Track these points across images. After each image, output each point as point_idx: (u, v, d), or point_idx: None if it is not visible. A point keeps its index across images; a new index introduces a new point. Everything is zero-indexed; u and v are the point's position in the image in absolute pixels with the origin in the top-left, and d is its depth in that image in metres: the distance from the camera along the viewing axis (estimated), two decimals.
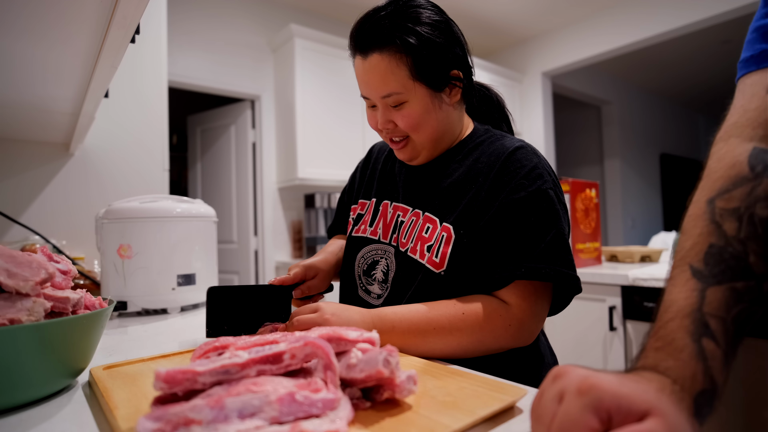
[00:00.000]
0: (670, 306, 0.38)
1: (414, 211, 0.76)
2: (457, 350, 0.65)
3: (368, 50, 0.70)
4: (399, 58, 0.68)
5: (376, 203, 0.84)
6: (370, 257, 0.81)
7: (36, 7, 0.59)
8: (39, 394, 0.48)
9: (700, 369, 0.34)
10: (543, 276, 0.63)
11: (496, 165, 0.70)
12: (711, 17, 3.12)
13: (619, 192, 5.16)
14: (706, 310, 0.37)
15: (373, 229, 0.82)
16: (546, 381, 0.34)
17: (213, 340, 0.45)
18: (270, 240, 3.26)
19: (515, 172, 0.68)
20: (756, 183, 0.41)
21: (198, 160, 3.57)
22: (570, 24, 3.91)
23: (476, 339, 0.64)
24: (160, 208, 1.02)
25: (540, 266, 0.63)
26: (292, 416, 0.34)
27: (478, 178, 0.71)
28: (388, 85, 0.69)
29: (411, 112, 0.71)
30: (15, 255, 0.47)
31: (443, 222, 0.71)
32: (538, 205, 0.66)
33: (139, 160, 1.69)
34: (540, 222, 0.66)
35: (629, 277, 1.58)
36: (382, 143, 0.95)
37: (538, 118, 4.22)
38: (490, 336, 0.65)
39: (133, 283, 0.99)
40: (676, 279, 0.40)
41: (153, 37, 1.71)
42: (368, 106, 0.77)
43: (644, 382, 0.32)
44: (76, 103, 1.07)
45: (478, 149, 0.75)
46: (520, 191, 0.67)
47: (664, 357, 0.35)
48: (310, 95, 3.06)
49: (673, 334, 0.36)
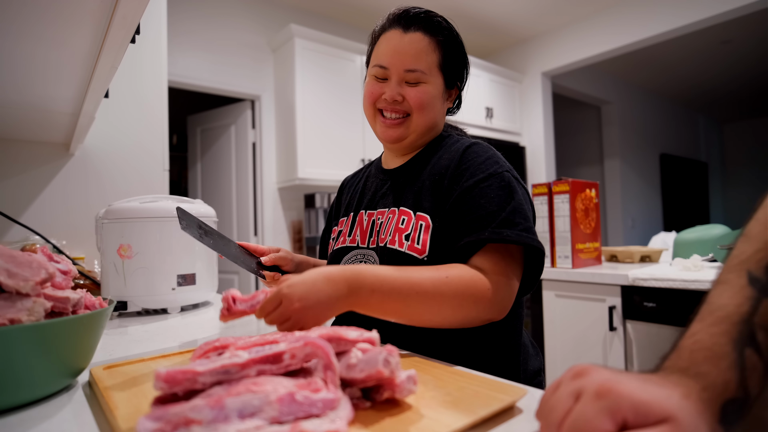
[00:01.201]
0: (717, 309, 0.37)
1: (390, 209, 0.81)
2: (436, 318, 0.64)
3: (413, 27, 0.78)
4: (437, 45, 0.79)
5: (353, 216, 0.88)
6: (351, 262, 0.83)
7: (36, 6, 0.59)
8: (39, 394, 0.48)
9: (735, 378, 0.33)
10: (506, 238, 0.65)
11: (455, 157, 0.76)
12: (711, 17, 3.12)
13: (619, 192, 5.15)
14: (757, 321, 0.35)
15: (351, 237, 0.85)
16: (565, 375, 0.33)
17: (213, 341, 0.45)
18: (270, 240, 3.26)
19: (473, 161, 0.74)
20: None
21: (198, 160, 3.57)
22: (570, 24, 3.91)
23: (457, 305, 0.63)
24: (160, 208, 1.02)
25: (503, 230, 0.66)
26: (292, 416, 0.34)
27: (441, 171, 0.77)
28: (420, 62, 0.77)
29: (426, 91, 0.78)
30: (15, 255, 0.47)
31: (417, 212, 0.76)
32: (496, 183, 0.71)
33: (139, 160, 1.69)
34: (499, 196, 0.70)
35: (629, 277, 1.58)
36: (350, 177, 1.02)
37: (538, 118, 4.22)
38: (472, 302, 0.64)
39: (133, 283, 0.99)
40: (729, 283, 0.38)
41: (153, 37, 1.71)
42: (375, 77, 0.81)
43: (670, 386, 0.31)
44: (76, 103, 1.07)
45: (441, 149, 0.82)
46: (478, 174, 0.72)
47: (699, 361, 0.34)
48: (310, 95, 3.06)
49: (716, 339, 0.35)
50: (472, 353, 0.74)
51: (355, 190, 0.95)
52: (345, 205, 0.95)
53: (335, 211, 0.99)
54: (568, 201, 1.79)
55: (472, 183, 0.71)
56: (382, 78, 0.80)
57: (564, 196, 1.80)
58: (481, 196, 0.70)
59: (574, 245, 1.81)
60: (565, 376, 0.33)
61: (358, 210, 0.88)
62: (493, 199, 0.69)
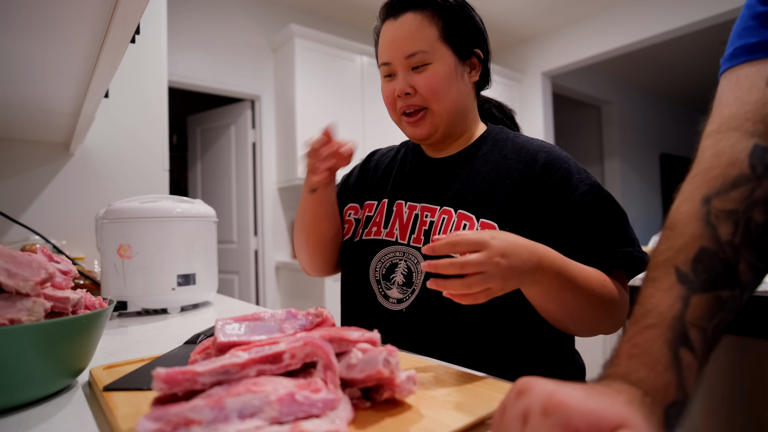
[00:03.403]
0: (650, 311, 0.37)
1: (443, 209, 0.73)
2: (586, 318, 0.62)
3: (402, 11, 0.72)
4: (432, 18, 0.71)
5: (389, 204, 0.80)
6: (387, 260, 0.76)
7: (36, 6, 0.59)
8: (39, 394, 0.48)
9: (674, 381, 0.33)
10: (634, 258, 0.65)
11: (533, 166, 0.71)
12: (711, 17, 3.12)
13: (619, 192, 5.15)
14: (688, 320, 0.35)
15: (388, 230, 0.77)
16: (508, 396, 0.32)
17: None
18: (270, 240, 3.26)
19: (565, 170, 0.70)
20: (756, 185, 0.39)
21: (198, 160, 3.57)
22: (570, 24, 3.91)
23: (605, 312, 0.62)
24: (160, 208, 1.02)
25: (629, 248, 0.65)
26: (292, 416, 0.34)
27: (512, 174, 0.71)
28: (416, 43, 0.71)
29: (434, 73, 0.71)
30: (15, 255, 0.47)
31: (481, 218, 0.69)
32: (597, 194, 0.69)
33: (139, 160, 1.69)
34: (611, 209, 0.68)
35: None
36: (383, 151, 0.93)
37: (538, 118, 4.22)
38: (611, 313, 0.63)
39: (133, 283, 0.99)
40: (659, 281, 0.38)
41: (153, 37, 1.71)
42: (385, 77, 0.76)
43: (612, 394, 0.31)
44: (76, 103, 1.07)
45: (500, 145, 0.76)
46: (580, 187, 0.68)
47: (637, 366, 0.34)
48: (310, 95, 3.06)
49: (651, 343, 0.35)
50: (532, 371, 0.70)
51: (387, 171, 0.86)
52: (374, 185, 0.86)
53: (359, 183, 0.89)
54: None
55: (578, 198, 0.67)
56: (390, 75, 0.75)
57: None
58: (592, 210, 0.67)
59: None
60: (509, 397, 0.32)
61: (395, 198, 0.80)
62: (602, 214, 0.67)
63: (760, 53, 0.44)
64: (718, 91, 0.48)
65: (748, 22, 0.47)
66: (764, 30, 0.45)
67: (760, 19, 0.46)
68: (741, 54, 0.46)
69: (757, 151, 0.40)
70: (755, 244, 0.38)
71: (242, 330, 0.44)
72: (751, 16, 0.47)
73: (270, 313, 0.48)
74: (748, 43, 0.45)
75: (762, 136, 0.41)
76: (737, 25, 0.48)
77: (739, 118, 0.43)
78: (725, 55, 0.48)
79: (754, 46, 0.45)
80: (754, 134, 0.41)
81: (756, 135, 0.41)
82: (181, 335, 0.82)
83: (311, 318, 0.48)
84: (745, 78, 0.45)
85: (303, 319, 0.48)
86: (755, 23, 0.46)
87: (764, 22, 0.45)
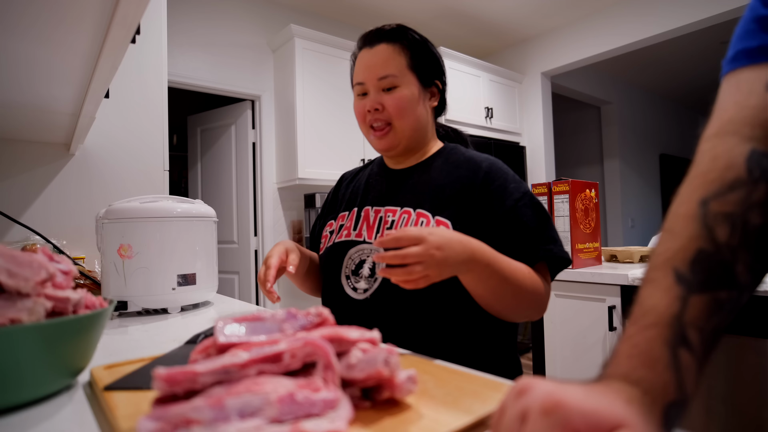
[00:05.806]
0: (649, 311, 0.37)
1: (404, 209, 0.84)
2: (514, 305, 0.72)
3: (377, 42, 0.85)
4: (402, 49, 0.85)
5: (358, 211, 0.90)
6: (357, 257, 0.85)
7: (37, 7, 0.59)
8: (39, 394, 0.48)
9: (673, 380, 0.33)
10: (555, 255, 0.76)
11: (478, 173, 0.82)
12: (710, 17, 3.12)
13: (619, 192, 5.15)
14: (686, 320, 0.36)
15: (357, 232, 0.87)
16: (508, 396, 0.32)
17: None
18: (270, 240, 3.26)
19: (502, 179, 0.82)
20: (752, 188, 0.39)
21: (198, 160, 3.57)
22: (570, 24, 3.91)
23: (531, 300, 0.72)
24: (160, 208, 1.02)
25: (550, 246, 0.77)
26: (292, 416, 0.34)
27: (462, 180, 0.82)
28: (388, 67, 0.83)
29: (401, 95, 0.83)
30: (16, 255, 0.47)
31: (436, 216, 0.80)
32: (529, 201, 0.81)
33: (139, 160, 1.69)
34: (539, 214, 0.80)
35: (629, 277, 1.58)
36: (352, 171, 1.04)
37: (537, 119, 4.21)
38: (536, 301, 0.73)
39: (134, 283, 0.99)
40: (658, 282, 0.39)
41: (153, 37, 1.71)
42: (358, 95, 0.88)
43: (612, 393, 0.31)
44: (76, 104, 1.07)
45: (452, 158, 0.88)
46: (515, 194, 0.80)
47: (637, 366, 0.34)
48: (310, 95, 3.06)
49: (650, 343, 0.35)
50: (476, 353, 0.78)
51: (356, 186, 0.97)
52: (345, 200, 0.96)
53: (332, 204, 1.01)
54: (567, 201, 1.79)
55: (512, 203, 0.79)
56: (363, 93, 0.86)
57: (564, 196, 1.80)
58: (523, 214, 0.78)
59: (574, 245, 1.81)
60: (508, 397, 0.32)
61: (363, 206, 0.90)
62: (531, 217, 0.78)
63: (761, 58, 0.45)
64: (719, 94, 0.48)
65: (749, 25, 0.47)
66: (764, 34, 0.45)
67: (760, 22, 0.46)
68: (741, 57, 0.46)
69: (754, 156, 0.41)
70: (752, 245, 0.38)
71: (242, 330, 0.44)
72: (753, 18, 0.47)
73: (270, 314, 0.48)
74: (749, 46, 0.46)
75: (759, 141, 0.42)
76: (739, 27, 0.48)
77: (737, 122, 0.43)
78: (727, 57, 0.48)
79: (755, 51, 0.45)
80: (752, 139, 0.42)
81: (754, 139, 0.42)
82: (181, 335, 0.82)
83: (311, 318, 0.48)
84: (745, 82, 0.45)
85: (303, 320, 0.48)
86: (756, 26, 0.46)
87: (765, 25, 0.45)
